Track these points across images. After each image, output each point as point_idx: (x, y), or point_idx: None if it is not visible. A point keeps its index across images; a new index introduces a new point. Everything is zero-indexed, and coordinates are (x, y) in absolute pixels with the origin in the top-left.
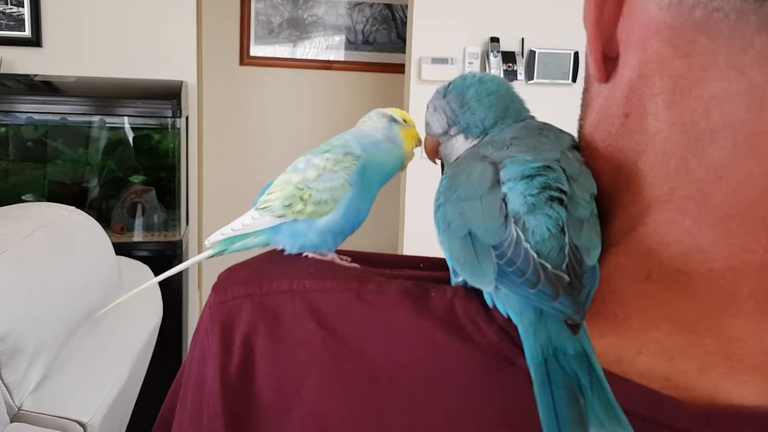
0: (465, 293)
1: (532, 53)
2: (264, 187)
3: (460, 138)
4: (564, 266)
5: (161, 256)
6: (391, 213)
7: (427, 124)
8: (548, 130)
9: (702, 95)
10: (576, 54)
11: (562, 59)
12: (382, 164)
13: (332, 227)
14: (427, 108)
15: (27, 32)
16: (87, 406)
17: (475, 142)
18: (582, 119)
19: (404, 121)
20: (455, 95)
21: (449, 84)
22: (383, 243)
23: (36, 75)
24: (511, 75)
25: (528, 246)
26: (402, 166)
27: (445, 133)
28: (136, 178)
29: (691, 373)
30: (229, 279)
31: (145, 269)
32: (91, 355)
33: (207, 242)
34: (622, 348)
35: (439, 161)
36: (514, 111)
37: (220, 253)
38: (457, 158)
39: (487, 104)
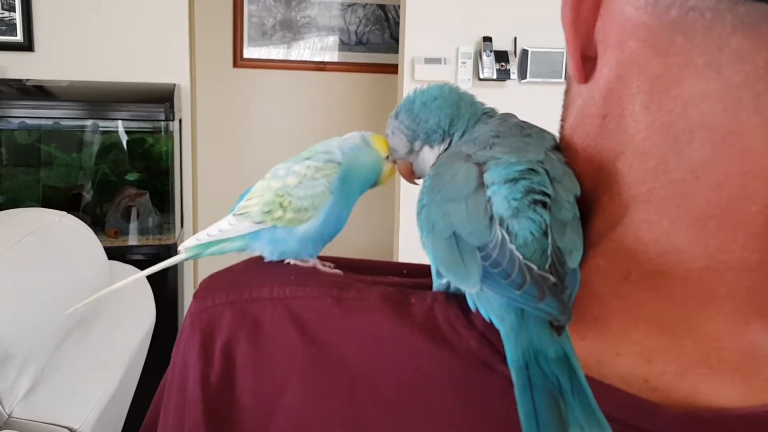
0: (445, 299)
1: (524, 52)
2: (242, 194)
3: (426, 149)
4: (547, 268)
5: (156, 260)
6: (386, 217)
7: (393, 151)
8: (530, 128)
9: (680, 95)
10: None
11: (554, 58)
12: (363, 170)
13: (312, 234)
14: (387, 136)
15: (19, 37)
16: (78, 413)
17: (444, 146)
18: (563, 120)
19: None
20: (405, 112)
21: (398, 106)
22: (379, 247)
23: (28, 80)
24: (504, 74)
25: (513, 247)
26: (380, 172)
27: (411, 151)
28: (132, 176)
29: (670, 374)
30: (210, 286)
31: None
32: (83, 361)
33: (181, 248)
34: (601, 350)
35: (419, 180)
36: (466, 107)
37: (195, 256)
38: (437, 160)
39: (435, 107)
